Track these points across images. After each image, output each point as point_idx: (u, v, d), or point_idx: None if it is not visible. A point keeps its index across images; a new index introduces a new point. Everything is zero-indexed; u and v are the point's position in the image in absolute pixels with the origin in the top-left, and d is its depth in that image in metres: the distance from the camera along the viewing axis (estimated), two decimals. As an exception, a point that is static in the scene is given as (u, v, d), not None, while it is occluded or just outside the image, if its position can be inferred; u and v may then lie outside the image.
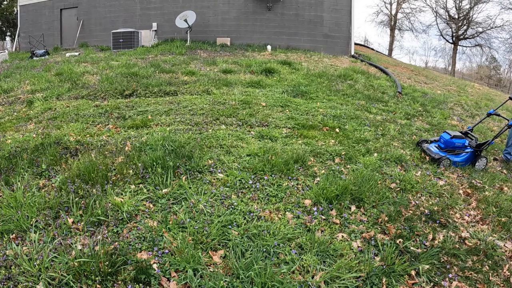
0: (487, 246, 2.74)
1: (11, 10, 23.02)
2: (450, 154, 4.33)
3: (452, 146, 4.37)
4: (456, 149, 4.38)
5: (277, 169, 3.47)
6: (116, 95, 6.30)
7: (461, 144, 4.36)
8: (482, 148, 4.35)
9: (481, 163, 4.36)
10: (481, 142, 4.43)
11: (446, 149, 4.39)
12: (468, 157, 4.35)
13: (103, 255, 2.22)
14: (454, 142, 4.35)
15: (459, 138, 4.39)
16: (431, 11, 35.32)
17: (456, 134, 4.44)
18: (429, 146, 4.58)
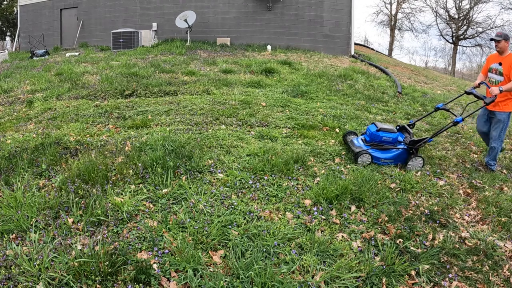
0: (487, 246, 2.74)
1: (11, 10, 23.02)
2: (374, 149, 3.87)
3: (379, 140, 3.87)
4: (384, 144, 3.89)
5: (277, 169, 3.47)
6: (116, 95, 6.30)
7: (390, 138, 3.86)
8: (418, 146, 3.86)
9: (415, 163, 3.89)
10: (417, 139, 3.93)
11: (371, 143, 3.91)
12: (398, 155, 3.88)
13: (103, 255, 2.22)
14: (381, 135, 3.85)
15: (389, 131, 3.88)
16: (431, 11, 35.31)
17: (384, 127, 3.90)
18: (356, 138, 4.12)
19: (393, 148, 3.90)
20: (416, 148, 3.88)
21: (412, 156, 3.88)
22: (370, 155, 3.80)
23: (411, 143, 3.87)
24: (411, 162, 3.87)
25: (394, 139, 3.91)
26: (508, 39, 4.03)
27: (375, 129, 3.90)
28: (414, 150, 3.89)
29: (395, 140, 3.91)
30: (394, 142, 3.91)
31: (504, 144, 5.32)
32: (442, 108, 4.17)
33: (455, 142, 5.12)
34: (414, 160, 3.89)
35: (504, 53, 4.10)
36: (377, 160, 3.86)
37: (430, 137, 3.94)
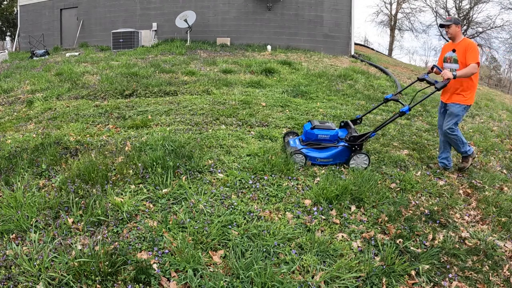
0: (487, 246, 2.74)
1: (11, 10, 23.03)
2: (311, 148, 3.66)
3: (315, 139, 3.64)
4: (322, 142, 3.66)
5: (277, 169, 3.47)
6: (116, 95, 6.30)
7: (327, 136, 3.63)
8: (360, 142, 3.60)
9: (358, 160, 3.63)
10: (357, 134, 3.65)
11: (307, 142, 3.68)
12: (337, 153, 3.63)
13: (103, 255, 2.22)
14: (316, 133, 3.63)
15: (325, 129, 3.65)
16: (431, 11, 35.34)
17: (318, 125, 3.66)
18: (293, 138, 3.91)
19: (332, 146, 3.66)
20: (359, 144, 3.63)
21: (355, 153, 3.64)
22: (304, 155, 3.59)
23: (351, 140, 3.62)
24: (353, 160, 3.63)
25: (332, 136, 3.67)
26: (458, 23, 3.78)
27: (310, 127, 3.68)
28: (357, 147, 3.64)
29: (333, 137, 3.67)
30: (333, 139, 3.67)
31: (504, 144, 5.32)
32: (391, 98, 3.88)
33: (455, 142, 5.11)
34: (357, 157, 3.64)
35: (456, 39, 3.83)
36: (312, 159, 3.63)
37: (373, 131, 3.70)
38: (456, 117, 3.80)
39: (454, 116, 3.80)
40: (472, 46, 3.68)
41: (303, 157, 3.59)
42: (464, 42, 3.77)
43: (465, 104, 3.79)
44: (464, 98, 3.78)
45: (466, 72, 3.60)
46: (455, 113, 3.79)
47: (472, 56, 3.62)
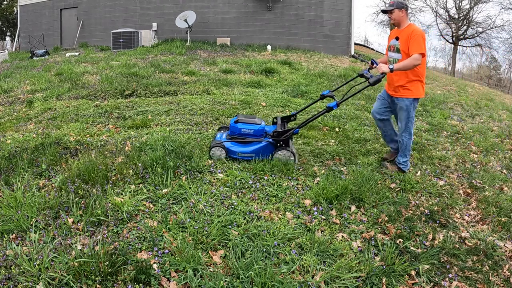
0: (487, 246, 2.74)
1: (11, 10, 23.04)
2: (233, 142, 3.59)
3: (239, 133, 3.56)
4: (247, 137, 3.57)
5: (277, 169, 3.47)
6: (116, 95, 6.30)
7: (251, 130, 3.54)
8: (284, 137, 3.49)
9: (281, 157, 3.53)
10: (282, 130, 3.53)
11: (232, 136, 3.61)
12: (260, 148, 3.53)
13: (103, 255, 2.22)
14: (239, 128, 3.55)
15: (249, 123, 3.57)
16: (431, 11, 35.32)
17: (242, 119, 3.58)
18: (221, 133, 3.83)
19: (256, 141, 3.56)
20: (284, 140, 3.52)
21: (278, 149, 3.53)
22: (225, 148, 3.52)
23: (275, 135, 3.52)
24: (277, 156, 3.54)
25: (257, 131, 3.55)
26: (402, 8, 3.42)
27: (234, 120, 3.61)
28: (282, 143, 3.54)
29: (259, 132, 3.56)
30: (258, 134, 3.56)
31: (504, 144, 5.32)
32: (327, 95, 3.68)
33: (455, 142, 5.11)
34: (281, 154, 3.54)
35: (401, 25, 3.48)
36: (233, 154, 3.56)
37: (297, 127, 3.59)
38: (407, 113, 3.54)
39: (404, 111, 3.55)
40: (415, 34, 3.32)
41: (223, 150, 3.53)
42: (408, 29, 3.41)
43: (411, 97, 3.51)
44: (409, 91, 3.49)
45: (406, 65, 3.28)
46: (404, 108, 3.53)
47: (415, 46, 3.28)
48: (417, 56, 3.25)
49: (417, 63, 3.28)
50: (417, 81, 3.48)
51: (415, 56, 3.25)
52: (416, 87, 3.49)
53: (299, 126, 3.62)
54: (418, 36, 3.30)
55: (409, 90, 3.49)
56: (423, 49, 3.27)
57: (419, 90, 3.52)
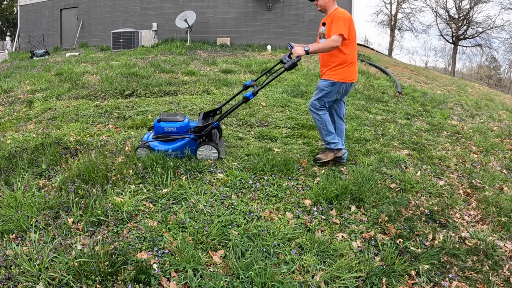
0: (487, 246, 2.74)
1: (11, 10, 23.05)
2: (159, 141, 3.58)
3: (162, 132, 3.57)
4: (171, 135, 3.55)
5: (277, 169, 3.47)
6: (116, 95, 6.30)
7: (173, 128, 3.54)
8: (204, 132, 3.49)
9: (206, 152, 3.52)
10: (202, 125, 3.54)
11: (157, 135, 3.61)
12: (184, 145, 3.53)
13: (103, 255, 2.22)
14: (162, 126, 3.55)
15: (172, 121, 3.56)
16: (431, 11, 35.38)
17: (165, 117, 3.60)
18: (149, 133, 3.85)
19: (180, 138, 3.55)
20: (206, 135, 3.51)
21: (201, 145, 3.53)
22: (151, 148, 3.53)
23: (196, 131, 3.51)
24: (200, 152, 3.53)
25: (180, 128, 3.54)
26: None
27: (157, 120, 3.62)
28: (205, 138, 3.52)
29: (182, 129, 3.56)
30: (181, 131, 3.56)
31: (504, 144, 5.32)
32: (249, 84, 3.61)
33: (455, 142, 5.12)
34: (204, 149, 3.52)
35: (328, 11, 3.40)
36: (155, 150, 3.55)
37: (216, 121, 3.56)
38: (321, 92, 3.44)
39: (319, 90, 3.46)
40: (337, 16, 3.24)
41: (148, 151, 3.53)
42: (332, 13, 3.33)
43: (331, 79, 3.40)
44: (329, 75, 3.41)
45: (323, 47, 3.18)
46: (320, 87, 3.45)
47: (334, 27, 3.21)
48: (335, 38, 3.16)
49: (334, 45, 3.18)
50: (341, 66, 3.38)
51: (333, 38, 3.17)
52: (339, 72, 3.39)
53: (218, 119, 3.60)
54: (339, 17, 3.22)
55: (330, 75, 3.42)
56: (341, 30, 3.16)
57: (341, 74, 3.39)
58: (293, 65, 3.23)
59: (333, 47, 3.21)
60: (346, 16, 3.26)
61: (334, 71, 3.41)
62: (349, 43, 3.35)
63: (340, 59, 3.38)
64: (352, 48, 3.41)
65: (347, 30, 3.24)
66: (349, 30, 3.30)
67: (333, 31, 3.20)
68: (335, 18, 3.25)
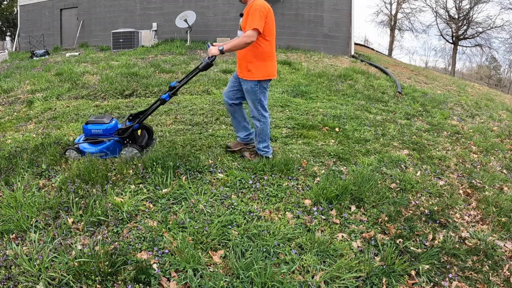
0: (487, 246, 2.74)
1: (11, 10, 23.05)
2: (88, 143, 3.63)
3: (90, 134, 3.61)
4: (99, 137, 3.61)
5: (277, 169, 3.47)
6: (116, 95, 6.30)
7: (100, 130, 3.59)
8: (126, 135, 3.55)
9: (128, 154, 3.56)
10: (124, 127, 3.59)
11: (87, 138, 3.66)
12: (109, 146, 3.60)
13: (103, 255, 2.22)
14: (90, 129, 3.60)
15: (98, 123, 3.61)
16: (431, 11, 35.39)
17: (92, 120, 3.64)
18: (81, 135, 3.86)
19: (106, 140, 3.62)
20: (130, 137, 3.57)
21: (125, 146, 3.58)
22: (79, 150, 3.60)
23: (120, 133, 3.56)
24: (123, 152, 3.58)
25: (106, 130, 3.59)
26: None
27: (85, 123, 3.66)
28: (129, 140, 3.58)
29: (108, 131, 3.60)
30: (107, 133, 3.61)
31: (504, 144, 5.32)
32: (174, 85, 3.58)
33: (455, 142, 5.12)
34: (127, 150, 3.57)
35: (247, 2, 3.22)
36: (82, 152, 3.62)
37: (136, 123, 3.60)
38: (254, 95, 3.31)
39: (250, 94, 3.33)
40: (253, 8, 3.06)
41: (76, 153, 3.59)
42: (250, 4, 3.15)
43: (253, 79, 3.25)
44: (252, 73, 3.24)
45: (237, 43, 3.04)
46: (249, 91, 3.32)
47: (249, 21, 3.03)
48: (250, 33, 2.99)
49: (249, 41, 3.01)
50: (261, 62, 3.23)
51: (247, 33, 3.00)
52: (260, 69, 3.23)
53: (138, 121, 3.63)
54: (255, 10, 3.03)
55: (251, 72, 3.24)
56: (256, 24, 2.99)
57: (264, 72, 3.25)
58: (206, 65, 3.17)
59: (247, 43, 3.03)
60: (263, 8, 3.08)
61: (253, 69, 3.23)
62: (267, 37, 3.18)
63: (258, 55, 3.21)
64: (270, 43, 3.24)
65: (263, 24, 3.06)
66: (267, 23, 3.12)
67: (248, 25, 3.03)
68: (251, 10, 3.05)
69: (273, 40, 3.30)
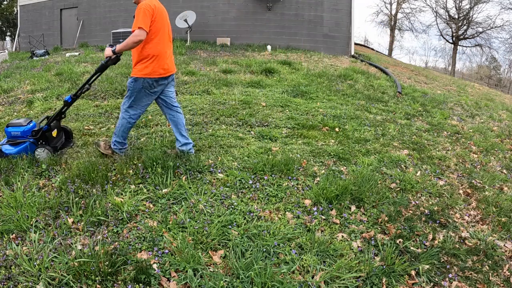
0: (487, 246, 2.74)
1: (11, 10, 23.05)
2: (9, 145, 3.75)
3: (11, 136, 3.74)
4: (17, 139, 3.73)
5: (277, 169, 3.47)
6: (116, 95, 6.30)
7: (18, 132, 3.71)
8: (37, 136, 3.69)
9: (42, 154, 3.65)
10: (37, 128, 3.73)
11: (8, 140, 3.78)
12: (26, 147, 3.71)
13: (103, 255, 2.22)
14: (10, 131, 3.72)
15: (16, 125, 3.73)
16: (431, 11, 35.40)
17: (11, 122, 3.78)
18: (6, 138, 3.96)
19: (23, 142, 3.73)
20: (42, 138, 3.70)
21: (38, 147, 3.68)
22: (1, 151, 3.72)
23: (33, 135, 3.70)
24: (37, 153, 3.67)
25: (24, 132, 3.71)
26: None
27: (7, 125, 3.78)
28: (42, 141, 3.71)
29: (25, 133, 3.73)
30: (25, 135, 3.73)
31: (504, 144, 5.32)
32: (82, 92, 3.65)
33: (455, 142, 5.12)
34: (37, 152, 3.67)
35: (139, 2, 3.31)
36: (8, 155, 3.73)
37: (45, 125, 3.73)
38: (129, 92, 3.37)
39: (128, 90, 3.39)
40: (138, 8, 3.15)
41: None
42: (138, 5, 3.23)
43: (134, 76, 3.31)
44: (136, 70, 3.30)
45: (126, 43, 3.10)
46: (128, 87, 3.39)
47: (135, 20, 3.11)
48: (136, 32, 3.07)
49: (137, 40, 3.07)
50: (146, 60, 3.27)
51: (134, 32, 3.08)
52: (145, 67, 3.27)
53: (47, 123, 3.74)
54: (139, 10, 3.12)
55: (136, 70, 3.30)
56: (140, 23, 3.07)
57: (147, 70, 3.27)
58: (101, 67, 3.30)
59: (135, 42, 3.09)
60: (148, 7, 3.14)
61: (137, 67, 3.29)
62: (153, 35, 3.21)
63: (143, 53, 3.25)
64: (157, 41, 3.27)
65: (148, 22, 3.13)
66: (153, 21, 3.17)
67: (134, 25, 3.10)
68: (137, 10, 3.13)
69: (162, 39, 3.33)
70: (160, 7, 3.31)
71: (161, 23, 3.29)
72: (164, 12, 3.39)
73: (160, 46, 3.32)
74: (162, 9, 3.36)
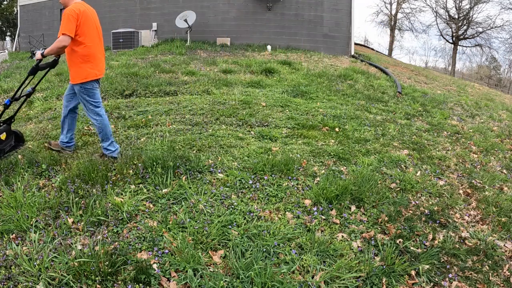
0: (487, 246, 2.74)
1: (11, 10, 23.05)
2: None
3: None
4: None
5: (277, 169, 3.47)
6: (116, 95, 6.30)
7: None
8: None
9: None
10: None
11: None
12: None
13: (103, 255, 2.22)
14: None
15: None
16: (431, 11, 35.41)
17: None
18: None
19: None
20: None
21: None
22: None
23: None
24: None
25: None
26: None
27: None
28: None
29: None
30: None
31: (504, 144, 5.33)
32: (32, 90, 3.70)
33: (455, 142, 5.12)
34: None
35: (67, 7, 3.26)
36: None
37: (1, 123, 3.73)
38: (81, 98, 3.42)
39: (81, 99, 3.44)
40: (64, 13, 3.14)
41: None
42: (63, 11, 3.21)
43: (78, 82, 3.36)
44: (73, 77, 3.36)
45: (51, 48, 3.13)
46: (79, 95, 3.44)
47: (61, 26, 3.11)
48: (61, 38, 3.09)
49: (61, 45, 3.11)
50: (80, 65, 3.32)
51: (59, 38, 3.10)
52: (79, 72, 3.33)
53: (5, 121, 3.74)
54: (64, 15, 3.12)
55: (73, 76, 3.37)
56: (64, 29, 3.08)
57: (82, 74, 3.33)
58: (34, 69, 3.31)
59: (59, 47, 3.13)
60: (73, 12, 3.14)
61: (74, 73, 3.35)
62: (82, 40, 3.24)
63: (76, 59, 3.31)
64: (87, 45, 3.30)
65: (73, 27, 3.14)
66: (80, 25, 3.19)
67: (59, 31, 3.11)
68: (62, 15, 3.15)
69: (92, 42, 3.36)
70: (87, 10, 3.30)
71: (88, 27, 3.29)
72: (93, 15, 3.39)
73: (93, 50, 3.38)
74: (91, 12, 3.36)
